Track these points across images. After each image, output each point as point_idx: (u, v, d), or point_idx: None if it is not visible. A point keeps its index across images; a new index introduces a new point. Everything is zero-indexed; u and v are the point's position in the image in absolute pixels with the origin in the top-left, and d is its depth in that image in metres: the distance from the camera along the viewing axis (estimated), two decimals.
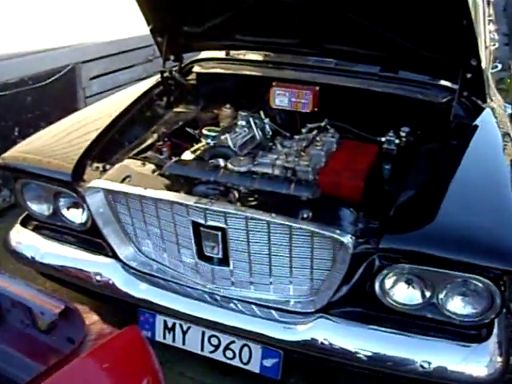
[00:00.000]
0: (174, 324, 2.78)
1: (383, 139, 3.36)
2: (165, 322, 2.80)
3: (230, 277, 2.64)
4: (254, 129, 3.38)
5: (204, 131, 3.04)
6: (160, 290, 2.78)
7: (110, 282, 2.84)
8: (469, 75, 2.98)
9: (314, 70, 3.63)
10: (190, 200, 2.43)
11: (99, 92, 5.18)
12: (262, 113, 3.51)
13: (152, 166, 2.73)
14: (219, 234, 2.48)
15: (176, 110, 3.80)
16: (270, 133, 3.47)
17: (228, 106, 3.68)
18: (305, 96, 3.46)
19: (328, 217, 2.35)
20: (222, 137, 3.11)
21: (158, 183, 2.59)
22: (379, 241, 2.28)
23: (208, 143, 3.02)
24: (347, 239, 2.26)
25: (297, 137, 3.33)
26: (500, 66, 4.33)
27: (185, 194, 2.49)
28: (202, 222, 2.47)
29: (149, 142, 3.31)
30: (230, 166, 2.61)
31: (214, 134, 3.03)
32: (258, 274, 2.58)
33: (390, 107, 3.43)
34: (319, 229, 2.28)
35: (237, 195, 2.44)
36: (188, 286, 2.75)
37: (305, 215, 2.31)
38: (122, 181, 2.62)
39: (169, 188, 2.54)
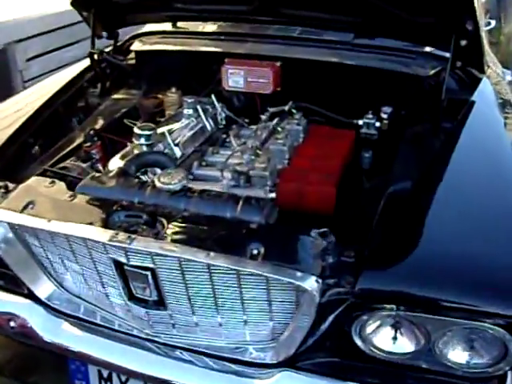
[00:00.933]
0: (111, 374, 2.21)
1: (361, 122, 2.74)
2: (99, 371, 2.23)
3: (170, 320, 2.05)
4: (204, 118, 2.74)
5: (136, 130, 2.40)
6: (88, 336, 2.19)
7: (28, 326, 2.25)
8: (463, 42, 2.35)
9: (275, 42, 2.98)
10: (104, 236, 1.82)
11: (42, 74, 4.49)
12: (213, 97, 2.87)
13: (62, 186, 2.09)
14: (148, 273, 1.88)
15: (115, 97, 3.15)
16: (224, 122, 2.84)
17: (173, 89, 3.03)
18: (264, 74, 2.81)
19: (286, 251, 1.74)
20: (160, 130, 2.48)
21: (67, 210, 1.97)
22: (355, 281, 1.69)
23: (141, 145, 2.39)
24: (311, 285, 1.66)
25: (254, 126, 2.69)
26: (494, 23, 3.66)
27: (100, 225, 1.88)
28: (125, 261, 1.87)
29: (75, 143, 2.68)
30: (158, 182, 1.98)
31: (148, 132, 2.39)
32: (204, 315, 1.99)
33: (368, 83, 2.79)
34: (273, 273, 1.68)
35: (166, 224, 1.83)
36: (122, 332, 2.16)
37: (254, 251, 1.71)
38: (23, 209, 2.00)
39: (80, 217, 1.92)
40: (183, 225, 1.83)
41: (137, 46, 3.20)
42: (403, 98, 2.75)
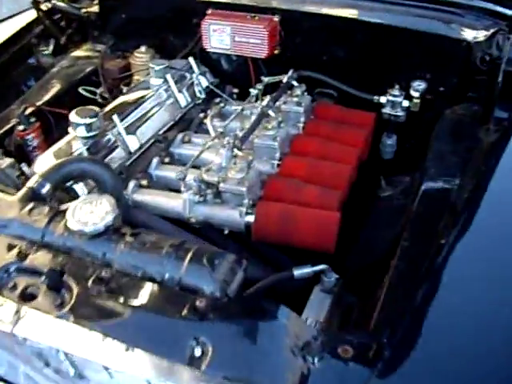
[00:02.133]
0: None
1: (383, 100, 2.04)
2: None
3: None
4: (175, 91, 2.06)
5: (72, 116, 1.73)
6: None
7: None
8: None
9: None
10: None
11: None
12: (191, 60, 2.17)
13: None
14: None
15: (74, 55, 2.47)
16: (203, 95, 2.15)
17: (143, 48, 2.33)
18: (257, 32, 2.09)
19: (244, 353, 1.10)
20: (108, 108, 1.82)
21: None
22: None
23: (81, 138, 1.74)
24: None
25: (239, 107, 2.00)
26: None
27: None
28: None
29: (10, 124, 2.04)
30: (71, 219, 1.32)
31: (88, 119, 1.73)
32: None
33: (395, 49, 2.06)
34: None
35: (75, 290, 1.19)
36: None
37: (196, 350, 1.07)
38: None
39: None
40: (99, 289, 1.20)
41: None
42: (442, 69, 2.01)
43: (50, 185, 1.42)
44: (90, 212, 1.30)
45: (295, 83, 2.06)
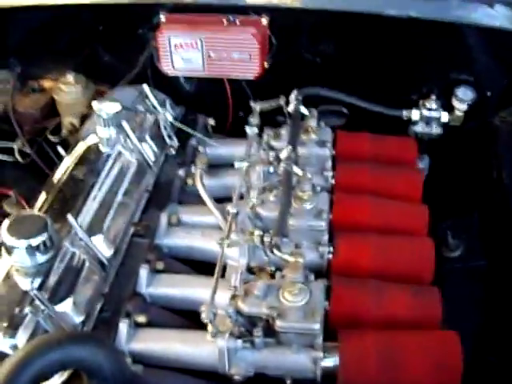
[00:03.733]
0: None
1: (415, 115, 1.52)
2: None
3: None
4: (140, 147, 1.40)
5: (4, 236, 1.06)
6: None
7: None
8: None
9: None
10: None
11: None
12: (148, 89, 1.51)
13: None
14: None
15: None
16: (175, 142, 1.51)
17: (71, 77, 1.62)
18: (243, 43, 1.46)
19: None
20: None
21: None
22: None
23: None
24: None
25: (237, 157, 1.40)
26: None
27: None
28: None
29: None
30: None
31: (36, 239, 1.06)
32: None
33: (425, 46, 1.52)
34: None
35: None
36: None
37: None
38: None
39: None
40: None
41: None
42: (489, 69, 1.52)
43: None
44: None
45: (304, 110, 1.47)
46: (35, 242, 1.05)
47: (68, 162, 1.36)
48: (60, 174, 1.33)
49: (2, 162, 1.58)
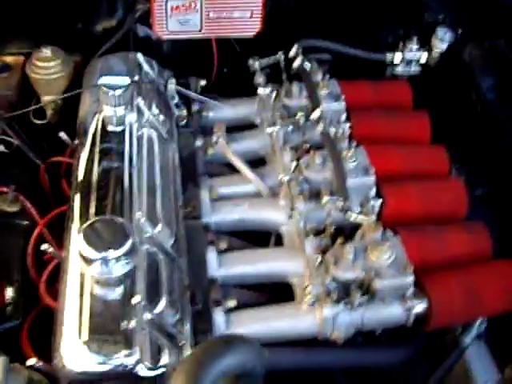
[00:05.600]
0: None
1: (398, 58, 1.62)
2: None
3: None
4: (157, 124, 1.31)
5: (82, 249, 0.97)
6: None
7: None
8: None
9: None
10: None
11: None
12: (142, 58, 1.39)
13: None
14: None
15: None
16: (184, 111, 1.43)
17: (47, 51, 1.43)
18: (246, 1, 1.40)
19: None
20: None
21: None
22: None
23: None
24: None
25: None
26: None
27: None
28: None
29: None
30: None
31: (115, 252, 0.97)
32: None
33: None
34: None
35: None
36: None
37: None
38: None
39: None
40: None
41: None
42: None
43: None
44: None
45: (308, 64, 1.46)
46: (120, 252, 0.98)
47: (87, 153, 1.24)
48: (83, 167, 1.21)
49: None
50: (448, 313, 1.13)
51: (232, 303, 1.10)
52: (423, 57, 1.60)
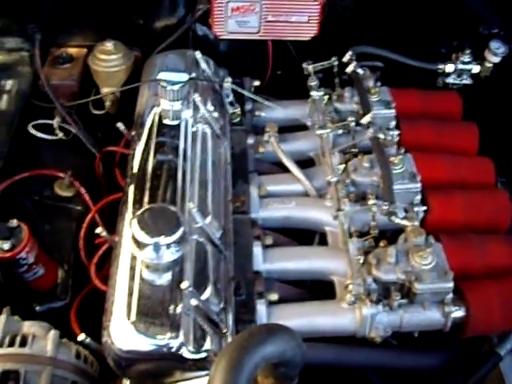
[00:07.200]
0: None
1: (449, 68, 1.62)
2: None
3: None
4: (212, 122, 1.35)
5: (135, 231, 1.01)
6: None
7: None
8: None
9: None
10: None
11: None
12: (200, 56, 1.44)
13: None
14: None
15: None
16: (238, 110, 1.46)
17: (109, 44, 1.50)
18: (304, 6, 1.43)
19: None
20: None
21: None
22: None
23: None
24: None
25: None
26: None
27: None
28: None
29: None
30: None
31: (169, 237, 1.01)
32: None
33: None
34: None
35: None
36: None
37: None
38: None
39: None
40: None
41: None
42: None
43: None
44: None
45: (360, 70, 1.49)
46: (171, 239, 1.02)
47: (143, 144, 1.29)
48: (139, 157, 1.27)
49: (38, 140, 1.46)
50: (486, 321, 1.13)
51: (274, 297, 1.14)
52: (475, 69, 1.60)
